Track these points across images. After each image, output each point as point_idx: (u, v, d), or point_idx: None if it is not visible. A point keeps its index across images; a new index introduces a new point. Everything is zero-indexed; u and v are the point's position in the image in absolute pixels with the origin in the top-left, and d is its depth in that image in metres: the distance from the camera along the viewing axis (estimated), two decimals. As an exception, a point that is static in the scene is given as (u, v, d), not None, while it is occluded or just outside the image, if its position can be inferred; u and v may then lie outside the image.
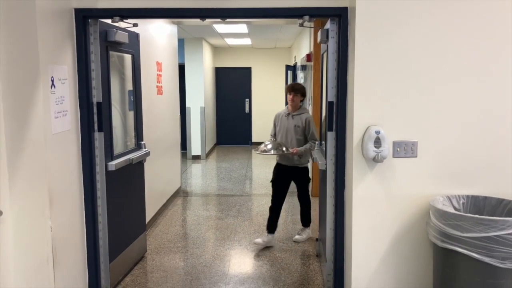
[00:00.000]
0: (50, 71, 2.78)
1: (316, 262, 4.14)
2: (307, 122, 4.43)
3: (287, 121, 4.51)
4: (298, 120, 4.46)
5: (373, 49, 2.84)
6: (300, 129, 4.44)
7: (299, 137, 4.45)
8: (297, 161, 4.52)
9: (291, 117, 4.48)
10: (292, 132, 4.46)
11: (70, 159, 3.08)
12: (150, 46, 5.25)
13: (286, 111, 4.57)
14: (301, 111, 4.49)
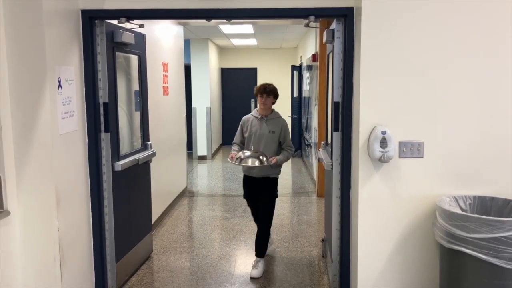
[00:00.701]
0: (57, 72, 2.80)
1: (322, 263, 4.13)
2: (283, 128, 3.97)
3: (259, 126, 3.94)
4: (273, 125, 3.95)
5: (379, 49, 2.84)
6: (275, 135, 3.93)
7: (274, 144, 3.95)
8: (270, 171, 3.95)
9: (265, 121, 3.94)
10: (267, 138, 3.92)
11: (77, 160, 3.10)
12: (156, 47, 5.27)
13: (257, 115, 4.00)
14: (275, 115, 4.01)
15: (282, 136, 3.95)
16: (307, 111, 8.70)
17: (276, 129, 3.93)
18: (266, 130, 3.92)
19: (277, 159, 3.84)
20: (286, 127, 3.99)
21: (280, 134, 3.94)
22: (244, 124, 4.07)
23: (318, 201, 6.35)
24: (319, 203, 6.22)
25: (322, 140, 4.59)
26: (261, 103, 3.93)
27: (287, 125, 4.02)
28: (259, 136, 3.93)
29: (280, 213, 5.79)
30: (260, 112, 3.99)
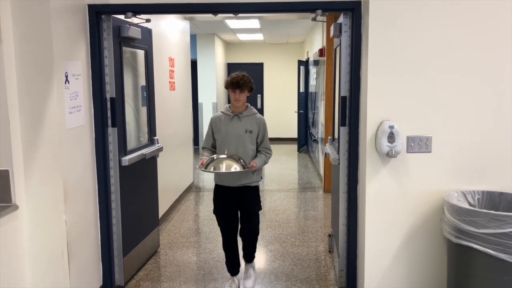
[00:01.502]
0: (64, 67, 2.81)
1: (329, 258, 4.13)
2: (261, 126, 3.39)
3: (233, 125, 3.33)
4: (249, 123, 3.35)
5: (387, 43, 2.81)
6: (253, 135, 3.35)
7: (252, 146, 3.35)
8: (250, 179, 3.36)
9: (239, 119, 3.34)
10: (244, 139, 3.32)
11: (84, 154, 3.10)
12: (162, 42, 5.27)
13: (229, 113, 3.37)
14: (251, 112, 3.39)
15: (260, 136, 3.38)
16: (313, 106, 8.68)
17: (253, 128, 3.35)
18: (241, 129, 3.33)
19: (256, 164, 3.25)
20: (264, 126, 3.41)
21: (258, 133, 3.37)
22: (214, 124, 3.41)
23: (325, 197, 6.33)
24: (326, 199, 6.21)
25: (329, 135, 4.56)
26: (233, 99, 3.31)
27: (265, 123, 3.44)
28: (234, 137, 3.32)
29: (286, 208, 5.78)
30: (233, 109, 3.37)
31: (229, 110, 3.38)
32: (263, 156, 3.39)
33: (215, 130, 3.40)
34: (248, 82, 3.30)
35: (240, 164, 3.15)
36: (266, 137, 3.43)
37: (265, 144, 3.42)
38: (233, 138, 3.32)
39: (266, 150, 3.42)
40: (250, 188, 3.40)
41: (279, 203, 6.06)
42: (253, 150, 3.36)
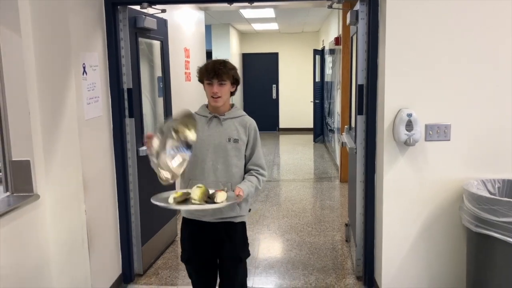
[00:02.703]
0: (81, 58, 2.83)
1: (346, 247, 4.12)
2: (252, 134, 2.40)
3: (210, 131, 2.36)
4: (234, 128, 2.37)
5: (404, 30, 2.77)
6: (239, 145, 2.35)
7: (238, 161, 2.37)
8: (232, 211, 2.38)
9: (219, 122, 2.37)
10: (226, 151, 2.34)
11: (102, 144, 3.14)
12: (178, 33, 5.28)
13: (205, 113, 2.41)
14: (237, 113, 2.43)
15: (249, 148, 2.39)
16: (329, 96, 8.62)
17: (240, 136, 2.36)
18: (222, 137, 2.34)
19: (243, 190, 2.23)
20: (256, 133, 2.42)
21: (247, 144, 2.38)
22: None
23: (341, 186, 6.31)
24: (342, 188, 6.19)
25: (345, 125, 4.54)
26: (210, 93, 2.31)
27: (257, 129, 2.44)
28: (212, 148, 2.34)
29: (302, 198, 5.78)
30: (211, 108, 2.39)
31: (206, 110, 2.41)
32: (254, 179, 2.35)
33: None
34: (230, 69, 2.32)
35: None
36: (259, 150, 2.41)
37: (256, 160, 2.39)
38: (210, 150, 2.33)
39: (257, 169, 2.39)
40: (234, 225, 2.41)
41: (295, 193, 6.06)
42: (239, 168, 2.36)
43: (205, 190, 2.17)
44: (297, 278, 3.53)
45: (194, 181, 2.35)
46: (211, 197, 2.16)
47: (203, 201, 2.12)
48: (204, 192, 2.16)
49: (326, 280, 3.48)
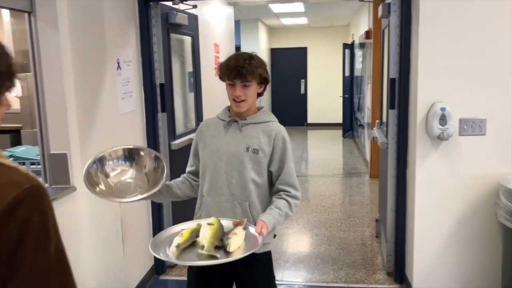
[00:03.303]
0: (116, 53, 2.90)
1: (376, 243, 4.09)
2: (278, 143, 1.93)
3: (226, 138, 1.96)
4: (256, 136, 1.93)
5: (439, 23, 2.72)
6: (260, 157, 1.91)
7: (258, 178, 1.92)
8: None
9: (238, 128, 1.96)
10: (242, 164, 1.91)
11: (135, 138, 3.21)
12: (208, 28, 5.32)
13: (224, 117, 2.02)
14: (262, 117, 1.99)
15: (275, 162, 1.93)
16: (359, 91, 8.52)
17: (262, 145, 1.92)
18: (240, 145, 1.92)
19: (266, 225, 1.76)
20: (285, 144, 1.94)
21: (271, 156, 1.93)
22: (199, 134, 2.07)
23: (371, 182, 6.24)
24: (372, 184, 6.12)
25: (376, 119, 4.48)
26: (232, 97, 1.92)
27: (287, 139, 1.97)
28: (225, 160, 1.93)
29: (331, 194, 5.75)
30: (233, 111, 1.99)
31: (227, 113, 2.02)
32: (283, 204, 1.89)
33: (199, 143, 2.04)
34: (257, 67, 1.88)
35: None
36: (289, 165, 1.94)
37: (286, 178, 1.93)
38: (224, 160, 1.92)
39: (288, 190, 1.93)
40: (256, 257, 1.85)
41: (324, 188, 6.04)
42: (257, 185, 1.92)
43: (217, 230, 1.70)
44: (326, 273, 3.53)
45: (206, 198, 1.96)
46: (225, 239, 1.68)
47: (213, 247, 1.64)
48: (216, 233, 1.68)
49: (356, 275, 3.46)
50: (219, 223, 1.76)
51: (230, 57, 1.94)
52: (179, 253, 1.65)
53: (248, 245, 1.69)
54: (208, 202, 1.96)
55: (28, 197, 0.80)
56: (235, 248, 1.64)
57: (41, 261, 0.80)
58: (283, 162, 1.93)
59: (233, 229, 1.73)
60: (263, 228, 1.75)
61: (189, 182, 2.10)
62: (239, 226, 1.76)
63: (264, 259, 1.99)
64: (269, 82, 2.00)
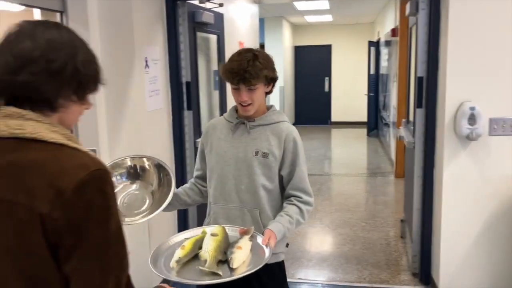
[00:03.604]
0: (144, 52, 2.95)
1: (401, 243, 4.04)
2: (289, 146, 1.81)
3: (233, 141, 1.85)
4: (265, 138, 1.82)
5: (468, 20, 2.67)
6: (270, 161, 1.80)
7: (269, 183, 1.82)
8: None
9: (246, 130, 1.84)
10: (251, 169, 1.80)
11: (162, 136, 3.26)
12: (233, 26, 5.34)
13: (232, 118, 1.90)
14: (272, 118, 1.86)
15: (286, 166, 1.82)
16: (384, 89, 8.42)
17: (272, 149, 1.80)
18: (248, 149, 1.82)
19: (275, 235, 1.66)
20: (296, 146, 1.82)
21: (282, 160, 1.81)
22: (205, 136, 1.95)
23: (396, 182, 6.17)
24: (397, 184, 6.05)
25: (402, 118, 4.43)
26: (238, 101, 1.81)
27: (298, 141, 1.84)
28: (233, 164, 1.83)
29: (356, 193, 5.71)
30: (241, 113, 1.86)
31: (234, 114, 1.90)
32: (293, 210, 1.79)
33: (205, 147, 1.93)
34: (262, 68, 1.73)
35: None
36: (301, 169, 1.82)
37: (297, 182, 1.82)
38: (232, 165, 1.82)
39: (300, 195, 1.82)
40: (268, 268, 1.64)
41: (348, 187, 6.00)
42: (268, 191, 1.82)
43: (221, 242, 1.59)
44: (350, 273, 3.51)
45: (214, 206, 1.87)
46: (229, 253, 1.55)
47: (216, 262, 1.52)
48: (220, 245, 1.57)
49: (381, 276, 3.44)
50: (224, 234, 1.64)
51: (232, 57, 1.78)
52: (180, 268, 1.52)
53: (255, 258, 1.55)
54: (215, 209, 1.87)
55: (94, 178, 0.91)
56: (239, 264, 1.51)
57: (103, 234, 0.92)
58: (294, 166, 1.81)
59: (238, 241, 1.60)
60: (271, 238, 1.63)
61: (197, 188, 1.99)
62: (245, 236, 1.64)
63: (276, 270, 1.87)
64: (278, 79, 1.86)
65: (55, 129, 0.95)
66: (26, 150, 0.91)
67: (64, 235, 0.88)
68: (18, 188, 0.89)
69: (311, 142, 9.45)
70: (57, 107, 0.97)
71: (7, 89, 0.94)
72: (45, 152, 0.92)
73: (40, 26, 0.98)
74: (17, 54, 0.93)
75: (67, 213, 0.87)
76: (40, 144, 0.92)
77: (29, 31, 0.96)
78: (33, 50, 0.93)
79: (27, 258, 0.90)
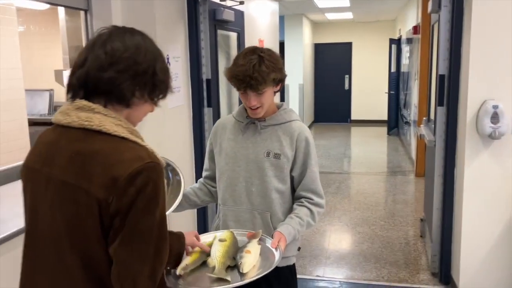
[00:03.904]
0: (165, 49, 2.97)
1: (420, 243, 4.01)
2: (301, 146, 1.76)
3: (243, 141, 1.78)
4: (275, 138, 1.76)
5: (491, 17, 2.63)
6: (282, 162, 1.74)
7: (281, 185, 1.76)
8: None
9: (257, 130, 1.78)
10: (263, 171, 1.74)
11: (183, 132, 3.31)
12: (253, 24, 5.36)
13: (243, 118, 1.81)
14: (283, 117, 1.79)
15: (298, 167, 1.77)
16: (405, 87, 8.33)
17: (283, 149, 1.75)
18: (259, 150, 1.76)
19: (285, 238, 1.62)
20: (308, 145, 1.77)
21: (294, 161, 1.76)
22: (214, 135, 1.89)
23: (416, 181, 6.10)
24: (417, 183, 5.99)
25: (423, 116, 4.38)
26: (246, 106, 1.74)
27: (310, 140, 1.78)
28: (244, 166, 1.77)
29: (375, 192, 5.68)
30: (250, 115, 1.77)
31: (244, 113, 1.81)
32: (304, 212, 1.75)
33: (214, 147, 1.87)
34: (270, 72, 1.64)
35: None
36: (312, 170, 1.77)
37: (309, 184, 1.77)
38: (243, 166, 1.77)
39: (311, 197, 1.78)
40: (278, 272, 1.64)
41: (368, 186, 5.96)
42: (280, 193, 1.77)
43: (230, 247, 1.53)
44: (368, 271, 3.50)
45: (223, 207, 1.82)
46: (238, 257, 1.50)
47: (225, 268, 1.46)
48: (228, 251, 1.51)
49: (399, 275, 3.42)
50: (232, 239, 1.58)
51: (236, 60, 1.68)
52: (188, 275, 1.44)
53: (264, 261, 1.51)
54: (225, 211, 1.81)
55: (147, 169, 0.99)
56: (249, 269, 1.45)
57: (147, 221, 0.98)
58: (306, 166, 1.75)
59: (247, 245, 1.55)
60: (281, 241, 1.58)
61: (206, 188, 1.93)
62: (253, 239, 1.58)
63: (286, 274, 1.81)
64: (285, 77, 1.75)
65: (119, 123, 1.04)
66: (92, 141, 1.01)
67: (115, 219, 0.97)
68: (81, 174, 0.99)
69: (330, 140, 9.41)
70: (130, 104, 1.08)
71: (92, 82, 1.04)
72: (108, 143, 1.02)
73: (128, 32, 1.10)
74: (109, 52, 1.04)
75: (119, 199, 0.96)
76: (105, 136, 1.02)
77: (119, 34, 1.07)
78: (123, 52, 1.04)
79: (83, 237, 0.99)
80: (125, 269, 0.98)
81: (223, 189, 1.81)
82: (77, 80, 1.05)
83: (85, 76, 1.04)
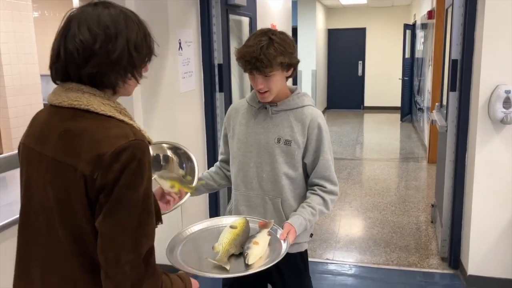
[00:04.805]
0: (177, 34, 3.01)
1: (431, 228, 4.02)
2: (313, 132, 1.72)
3: (255, 126, 1.77)
4: (286, 123, 1.73)
5: (505, 2, 2.60)
6: (293, 149, 1.71)
7: (291, 171, 1.74)
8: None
9: (269, 115, 1.75)
10: (273, 157, 1.73)
11: (195, 116, 3.34)
12: (265, 9, 5.35)
13: (255, 103, 1.79)
14: (296, 103, 1.75)
15: (310, 154, 1.74)
16: (419, 73, 8.24)
17: (294, 136, 1.72)
18: (270, 135, 1.74)
19: (295, 230, 1.61)
20: (320, 132, 1.72)
21: (306, 147, 1.73)
22: (228, 120, 1.89)
23: (429, 168, 6.09)
24: (430, 170, 5.97)
25: (436, 102, 4.35)
26: (255, 88, 1.69)
27: (323, 127, 1.74)
28: (255, 151, 1.76)
29: (386, 178, 5.68)
30: (259, 99, 1.75)
31: (256, 98, 1.77)
32: (316, 201, 1.72)
33: (228, 131, 1.87)
34: (278, 54, 1.60)
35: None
36: (325, 157, 1.74)
37: (322, 171, 1.74)
38: (254, 152, 1.76)
39: (324, 184, 1.75)
40: (290, 258, 1.65)
41: (379, 172, 5.96)
42: (291, 180, 1.75)
43: (239, 235, 1.53)
44: (378, 255, 3.53)
45: (236, 192, 1.83)
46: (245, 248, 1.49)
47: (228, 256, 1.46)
48: (236, 239, 1.51)
49: (409, 259, 3.44)
50: (243, 227, 1.57)
51: (247, 41, 1.65)
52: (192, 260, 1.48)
53: (272, 252, 1.49)
54: (237, 196, 1.82)
55: (132, 146, 1.01)
56: (254, 261, 1.44)
57: (131, 195, 1.01)
58: (319, 153, 1.72)
59: (256, 235, 1.54)
60: (290, 233, 1.57)
61: (222, 172, 1.94)
62: (264, 229, 1.57)
63: (297, 260, 1.81)
64: (298, 62, 1.71)
65: (108, 102, 1.08)
66: (80, 119, 1.06)
67: (101, 194, 1.00)
68: (69, 152, 1.03)
69: (343, 126, 9.39)
70: (117, 89, 1.12)
71: (74, 77, 1.08)
72: (95, 121, 1.05)
73: (96, 12, 1.07)
74: (80, 48, 1.04)
75: (104, 175, 0.99)
76: (92, 115, 1.06)
77: (88, 19, 1.06)
78: (93, 43, 1.04)
79: (72, 213, 1.04)
80: (108, 241, 1.01)
81: (235, 174, 1.81)
82: (59, 72, 1.09)
83: (65, 71, 1.08)
